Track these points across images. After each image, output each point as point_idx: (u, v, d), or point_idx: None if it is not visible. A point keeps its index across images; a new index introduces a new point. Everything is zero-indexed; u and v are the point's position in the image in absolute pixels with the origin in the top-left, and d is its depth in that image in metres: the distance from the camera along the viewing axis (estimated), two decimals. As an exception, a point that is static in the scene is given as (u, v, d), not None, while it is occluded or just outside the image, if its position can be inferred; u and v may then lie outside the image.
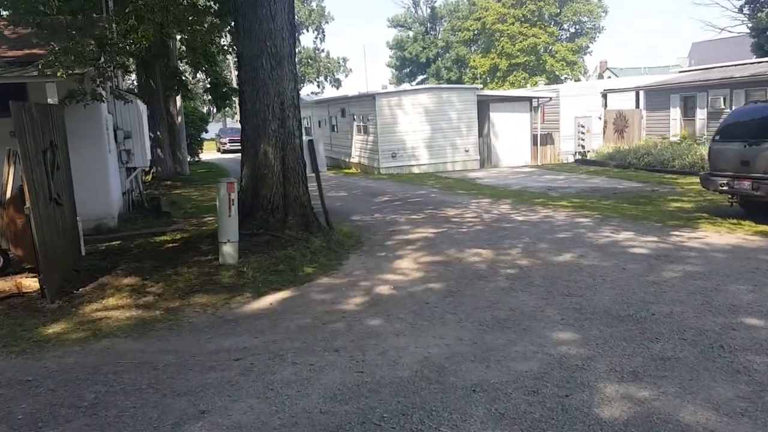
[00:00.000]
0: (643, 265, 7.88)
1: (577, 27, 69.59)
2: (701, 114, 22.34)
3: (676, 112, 23.48)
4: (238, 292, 7.33)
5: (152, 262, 8.87)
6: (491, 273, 7.77)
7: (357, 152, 27.21)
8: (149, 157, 15.96)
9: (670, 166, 20.26)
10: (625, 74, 52.79)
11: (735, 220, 10.50)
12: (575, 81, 58.41)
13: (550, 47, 65.99)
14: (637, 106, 26.02)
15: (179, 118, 29.59)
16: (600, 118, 27.31)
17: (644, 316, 5.89)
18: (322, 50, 73.31)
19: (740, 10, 44.01)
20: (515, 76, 64.16)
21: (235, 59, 16.28)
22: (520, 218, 11.80)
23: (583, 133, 27.53)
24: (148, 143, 15.65)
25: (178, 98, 28.74)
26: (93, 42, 9.56)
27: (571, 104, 27.72)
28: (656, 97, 24.50)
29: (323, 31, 72.22)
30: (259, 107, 9.88)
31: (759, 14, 41.71)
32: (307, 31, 72.76)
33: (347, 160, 28.63)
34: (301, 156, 10.20)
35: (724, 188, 10.97)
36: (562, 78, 63.95)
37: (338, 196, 16.77)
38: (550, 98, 26.81)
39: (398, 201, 15.15)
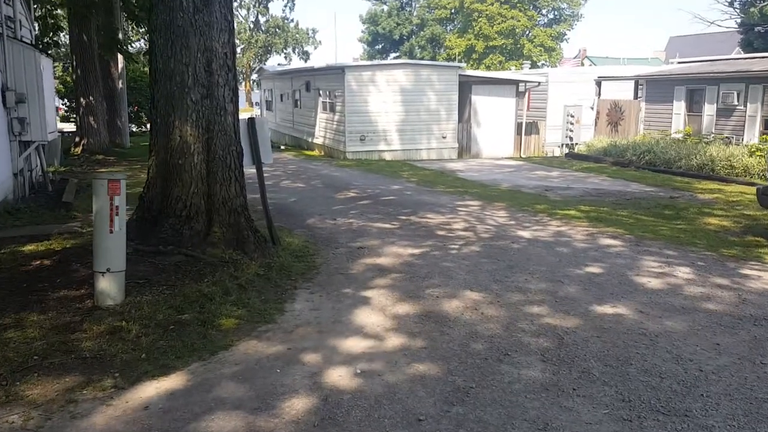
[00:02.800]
0: (743, 335, 5.18)
1: (556, 13, 67.44)
2: (709, 110, 19.91)
3: (680, 106, 21.02)
4: (100, 374, 4.35)
5: (-7, 294, 5.81)
6: (514, 345, 4.95)
7: (321, 132, 24.13)
8: (54, 128, 12.64)
9: (675, 166, 17.83)
10: (603, 63, 50.86)
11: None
12: (552, 68, 56.19)
13: (529, 32, 63.83)
14: (636, 96, 23.53)
15: (120, 83, 26.06)
16: (592, 108, 24.78)
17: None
18: (291, 20, 69.45)
19: (731, 3, 42.14)
20: (491, 59, 61.81)
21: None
22: (527, 234, 9.03)
23: (572, 123, 24.99)
24: (52, 110, 12.34)
25: (121, 59, 25.16)
26: None
27: (561, 91, 25.11)
28: (658, 88, 22.00)
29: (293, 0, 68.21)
30: (174, 67, 6.82)
31: (751, 9, 39.85)
32: (277, -1, 68.69)
33: (310, 140, 25.53)
34: (235, 141, 7.19)
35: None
36: (539, 64, 61.71)
37: (294, 188, 13.76)
38: (539, 83, 24.11)
39: (367, 199, 12.23)
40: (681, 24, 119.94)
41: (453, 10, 65.85)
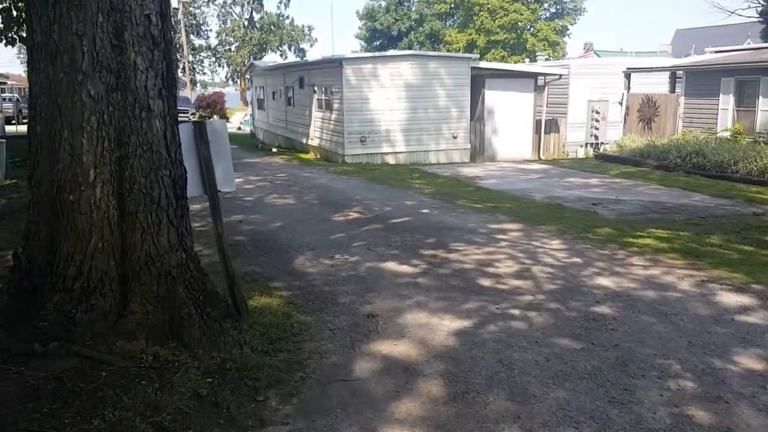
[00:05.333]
0: None
1: (558, 7, 64.85)
2: (764, 104, 17.18)
3: (727, 100, 18.24)
4: None
5: None
6: None
7: (317, 133, 21.37)
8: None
9: (730, 171, 15.10)
10: (607, 57, 48.48)
11: None
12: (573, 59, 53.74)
13: (531, 26, 61.29)
14: (673, 90, 20.76)
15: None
16: (620, 103, 22.04)
17: None
18: (287, 17, 66.68)
19: (753, -8, 39.49)
20: (493, 54, 59.09)
21: None
22: (609, 284, 6.26)
23: (597, 120, 22.26)
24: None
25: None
26: None
27: (583, 84, 22.38)
28: (701, 79, 19.20)
29: (289, -5, 65.50)
30: (60, 39, 4.05)
31: (776, -3, 37.25)
32: (272, -6, 66.11)
33: (305, 141, 22.78)
34: (169, 160, 4.39)
35: None
36: (544, 59, 59.06)
37: (282, 207, 10.98)
38: (560, 76, 21.34)
39: (374, 222, 9.46)
40: (686, 17, 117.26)
41: (453, 5, 63.24)
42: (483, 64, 20.95)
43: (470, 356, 4.48)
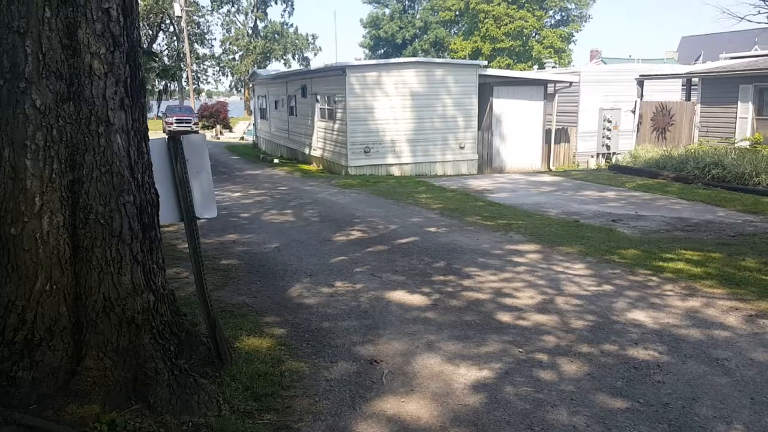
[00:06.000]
0: None
1: (563, 14, 64.37)
2: (787, 112, 16.44)
3: (746, 108, 17.49)
4: None
5: None
6: None
7: (320, 144, 20.70)
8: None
9: (752, 183, 14.36)
10: (615, 64, 47.90)
11: None
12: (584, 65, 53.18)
13: (537, 33, 60.81)
14: (688, 98, 20.02)
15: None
16: (633, 112, 21.30)
17: None
18: (291, 25, 66.38)
19: (766, -2, 38.81)
20: (498, 61, 58.56)
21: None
22: (646, 320, 5.51)
23: (609, 129, 21.53)
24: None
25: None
26: None
27: (594, 92, 21.67)
28: (718, 87, 18.45)
29: (292, 4, 65.20)
30: (-2, 40, 3.37)
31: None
32: (275, 4, 65.79)
33: (307, 152, 22.12)
34: (134, 183, 3.68)
35: None
36: (551, 66, 58.42)
37: (279, 225, 10.25)
38: (570, 83, 20.62)
39: (379, 243, 8.72)
40: (690, 24, 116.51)
41: (458, 12, 62.80)
42: (491, 71, 20.24)
43: (494, 420, 3.73)
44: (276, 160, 23.27)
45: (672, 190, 14.27)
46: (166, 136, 4.14)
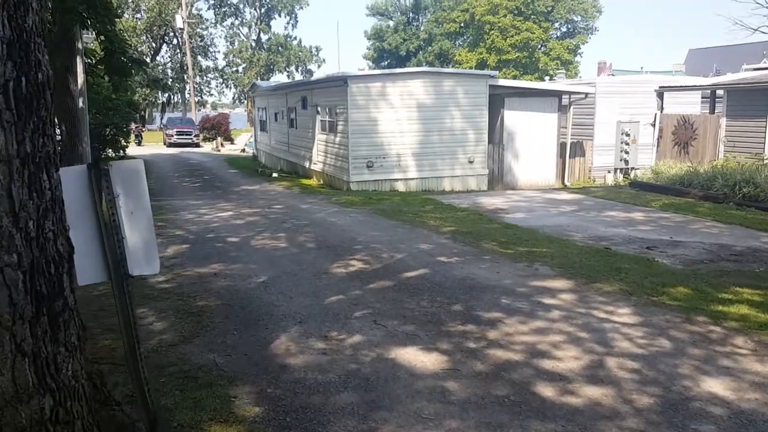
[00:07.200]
0: None
1: (569, 26, 63.49)
2: (823, 125, 15.24)
3: (778, 121, 16.32)
4: None
5: None
6: None
7: (320, 157, 19.57)
8: None
9: (787, 202, 13.18)
10: (628, 75, 46.93)
11: None
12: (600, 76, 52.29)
13: (544, 45, 59.93)
14: (712, 110, 18.83)
15: (81, 101, 21.64)
16: (652, 125, 20.12)
17: None
18: (294, 38, 65.74)
19: (780, 5, 37.81)
20: (504, 73, 57.52)
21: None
22: (726, 394, 4.29)
23: (627, 143, 20.36)
24: None
25: (80, 73, 20.75)
26: None
27: (610, 104, 20.55)
28: (745, 99, 17.27)
29: (295, 17, 64.59)
30: None
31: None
32: (279, 16, 65.16)
33: (307, 165, 21.02)
34: (20, 235, 2.48)
35: None
36: (557, 78, 57.45)
37: (269, 253, 9.04)
38: (586, 94, 19.47)
39: (383, 277, 7.50)
40: (696, 37, 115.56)
41: (463, 24, 61.91)
42: (502, 82, 19.12)
43: None
44: (275, 174, 22.15)
45: (703, 211, 13.05)
46: (86, 164, 2.96)
